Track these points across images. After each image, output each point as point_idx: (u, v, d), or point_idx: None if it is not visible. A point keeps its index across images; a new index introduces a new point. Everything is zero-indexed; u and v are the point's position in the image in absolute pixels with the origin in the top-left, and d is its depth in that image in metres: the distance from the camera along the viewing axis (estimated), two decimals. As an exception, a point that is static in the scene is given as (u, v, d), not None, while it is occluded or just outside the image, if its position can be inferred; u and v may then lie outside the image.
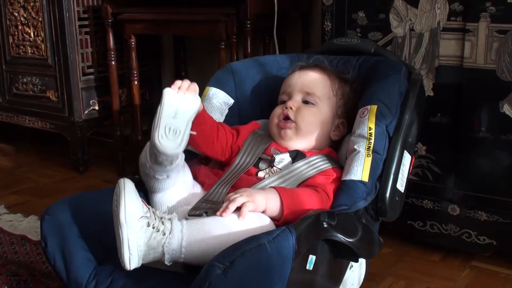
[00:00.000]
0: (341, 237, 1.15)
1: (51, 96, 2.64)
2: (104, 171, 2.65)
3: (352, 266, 1.35)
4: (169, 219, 1.12)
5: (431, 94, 1.67)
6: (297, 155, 1.35)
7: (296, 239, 1.02)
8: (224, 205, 1.15)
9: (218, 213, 1.14)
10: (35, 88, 2.70)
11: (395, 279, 1.65)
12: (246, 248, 0.96)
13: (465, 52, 1.59)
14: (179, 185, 1.27)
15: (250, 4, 2.01)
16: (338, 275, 1.29)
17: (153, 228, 1.08)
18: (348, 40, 1.61)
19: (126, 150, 2.58)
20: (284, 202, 1.18)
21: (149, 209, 1.11)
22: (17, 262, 1.75)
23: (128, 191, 1.08)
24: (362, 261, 1.41)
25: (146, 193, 1.34)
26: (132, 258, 1.07)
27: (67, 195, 1.30)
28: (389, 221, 1.36)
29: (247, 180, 1.29)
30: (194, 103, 1.23)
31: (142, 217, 1.08)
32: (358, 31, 1.76)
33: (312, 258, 1.14)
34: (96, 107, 2.63)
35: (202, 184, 1.33)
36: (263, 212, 1.17)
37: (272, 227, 1.14)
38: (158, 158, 1.17)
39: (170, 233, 1.09)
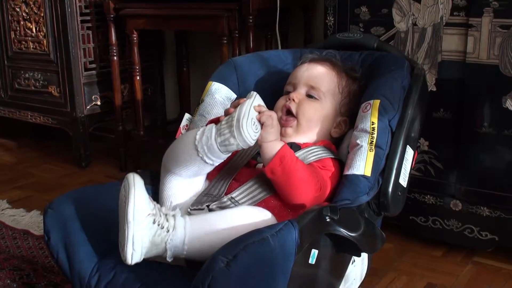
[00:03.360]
0: (343, 231, 1.15)
1: (53, 91, 2.64)
2: (106, 166, 2.66)
3: (354, 261, 1.35)
4: (173, 215, 1.12)
5: (434, 89, 1.67)
6: (291, 147, 1.35)
7: (299, 233, 1.02)
8: (264, 112, 1.20)
9: (258, 117, 1.19)
10: (37, 84, 2.70)
11: (397, 274, 1.65)
12: (249, 241, 0.96)
13: (468, 47, 1.59)
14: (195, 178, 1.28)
15: (252, -1, 2.01)
16: (340, 269, 1.29)
17: (158, 225, 1.09)
18: (351, 35, 1.60)
19: (128, 146, 2.58)
20: (280, 151, 1.19)
21: (155, 205, 1.11)
22: (19, 256, 1.75)
23: (138, 187, 1.07)
24: (365, 256, 1.41)
25: (151, 186, 1.34)
26: (134, 254, 1.07)
27: (69, 190, 1.30)
28: (392, 216, 1.36)
29: (247, 172, 1.29)
30: None
31: (149, 214, 1.08)
32: (361, 26, 1.76)
33: (314, 252, 1.14)
34: (98, 103, 2.64)
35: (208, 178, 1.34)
36: (261, 146, 1.21)
37: (274, 221, 1.14)
38: (230, 141, 1.16)
39: (173, 230, 1.09)
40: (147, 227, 1.07)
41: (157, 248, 1.09)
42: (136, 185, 1.07)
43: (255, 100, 1.23)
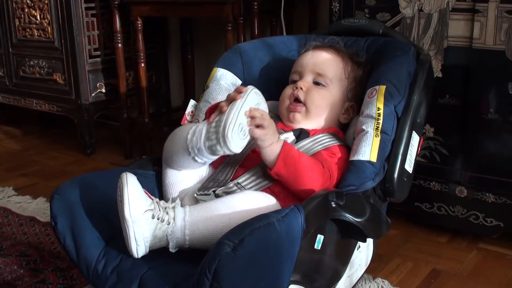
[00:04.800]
0: (349, 216, 1.15)
1: (58, 79, 2.64)
2: (111, 154, 2.66)
3: (359, 246, 1.35)
4: (173, 207, 1.13)
5: (440, 75, 1.66)
6: (300, 134, 1.34)
7: (305, 218, 1.02)
8: (255, 116, 1.17)
9: (249, 124, 1.16)
10: (42, 71, 2.71)
11: (402, 260, 1.65)
12: (255, 226, 0.96)
13: (474, 33, 1.58)
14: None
15: (257, -15, 2.01)
16: (346, 255, 1.30)
17: (158, 219, 1.11)
18: (356, 21, 1.59)
19: (133, 133, 2.59)
20: (281, 153, 1.18)
21: (153, 200, 1.13)
22: (26, 243, 1.76)
23: (131, 186, 1.09)
24: (370, 242, 1.41)
25: (157, 172, 1.34)
26: (139, 249, 1.10)
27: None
28: (397, 202, 1.36)
29: (254, 158, 1.29)
30: (267, 109, 1.26)
31: (146, 210, 1.10)
32: (366, 11, 1.75)
33: (320, 237, 1.15)
34: (103, 90, 2.64)
35: (212, 164, 1.34)
36: (262, 150, 1.19)
37: (278, 206, 1.14)
38: (217, 148, 1.16)
39: (173, 222, 1.11)
40: (147, 223, 1.09)
41: (160, 241, 1.12)
42: (129, 184, 1.09)
43: (247, 101, 1.19)
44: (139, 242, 1.10)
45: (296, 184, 1.20)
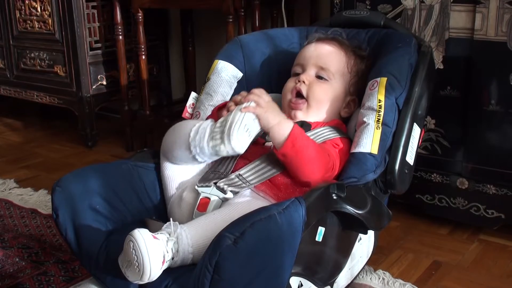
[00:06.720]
0: (350, 209, 1.15)
1: (59, 71, 2.64)
2: (112, 146, 2.67)
3: (360, 239, 1.35)
4: (176, 238, 1.09)
5: (441, 67, 1.66)
6: (302, 126, 1.34)
7: (306, 210, 1.02)
8: (249, 97, 1.21)
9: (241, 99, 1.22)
10: (43, 63, 2.70)
11: (403, 252, 1.65)
12: (256, 219, 0.96)
13: (475, 24, 1.58)
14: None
15: (258, -23, 2.00)
16: (347, 247, 1.30)
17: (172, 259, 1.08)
18: (358, 12, 1.59)
19: (134, 125, 2.59)
20: (291, 134, 1.18)
21: (162, 239, 1.06)
22: (28, 235, 1.77)
23: (151, 251, 1.02)
24: (371, 234, 1.42)
25: (158, 165, 1.34)
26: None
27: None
28: (398, 194, 1.37)
29: (255, 150, 1.29)
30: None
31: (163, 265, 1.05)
32: (368, 3, 1.74)
33: (321, 230, 1.15)
34: (104, 82, 2.63)
35: None
36: (270, 130, 1.19)
37: None
38: (220, 148, 1.16)
39: (177, 252, 1.08)
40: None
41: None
42: (149, 248, 1.02)
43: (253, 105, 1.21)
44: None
45: (300, 167, 1.19)
